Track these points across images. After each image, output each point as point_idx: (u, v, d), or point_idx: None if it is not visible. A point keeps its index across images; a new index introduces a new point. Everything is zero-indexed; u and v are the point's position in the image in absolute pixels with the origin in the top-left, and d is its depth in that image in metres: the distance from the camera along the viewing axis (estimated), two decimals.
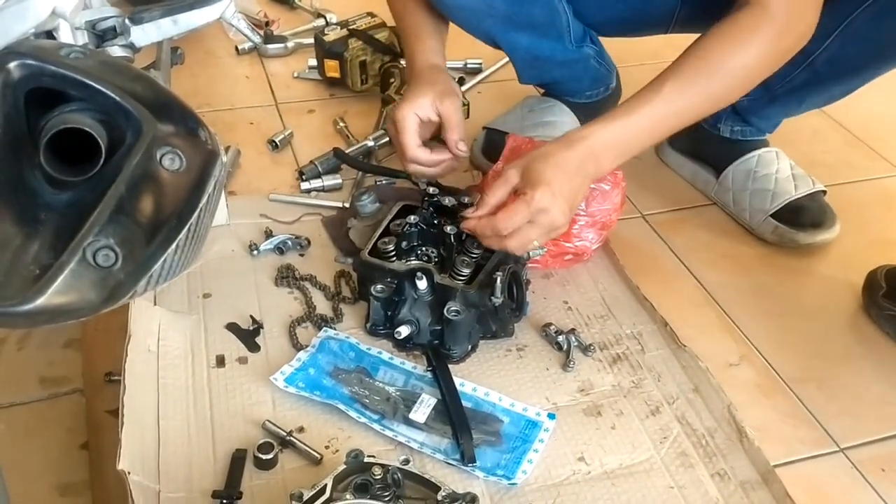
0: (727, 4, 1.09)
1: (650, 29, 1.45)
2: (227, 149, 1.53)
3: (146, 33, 0.87)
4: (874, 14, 1.15)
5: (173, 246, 0.60)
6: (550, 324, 1.19)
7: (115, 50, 0.84)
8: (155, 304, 1.17)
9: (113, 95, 0.62)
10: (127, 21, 0.85)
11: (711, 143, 1.45)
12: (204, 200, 0.63)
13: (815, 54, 1.19)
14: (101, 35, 0.85)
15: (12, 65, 0.60)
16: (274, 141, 1.59)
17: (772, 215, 1.38)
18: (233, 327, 1.17)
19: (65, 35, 0.74)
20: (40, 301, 0.54)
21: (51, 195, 0.62)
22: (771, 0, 1.05)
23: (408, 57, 1.36)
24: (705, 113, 1.15)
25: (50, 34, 0.77)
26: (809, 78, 1.14)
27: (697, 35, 1.36)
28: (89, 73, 0.61)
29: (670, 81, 1.09)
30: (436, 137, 1.29)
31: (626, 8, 1.38)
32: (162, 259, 0.59)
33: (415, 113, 1.22)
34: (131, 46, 0.86)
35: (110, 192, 0.59)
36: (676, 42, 1.49)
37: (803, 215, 1.37)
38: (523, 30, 1.38)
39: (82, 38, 0.80)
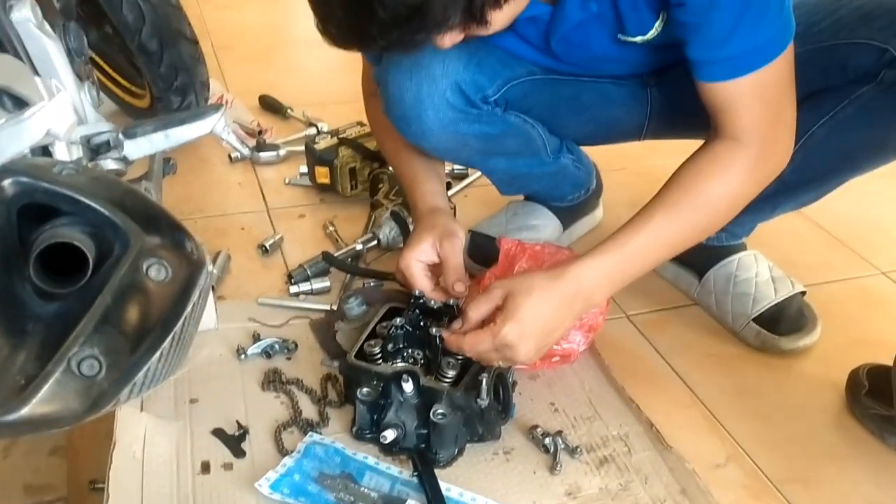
0: (694, 113, 1.14)
1: (623, 140, 1.51)
2: (217, 254, 1.55)
3: (139, 147, 0.91)
4: (832, 128, 1.21)
5: (157, 354, 0.62)
6: (537, 426, 1.19)
7: (109, 163, 0.88)
8: (142, 410, 1.17)
9: (102, 210, 0.64)
10: (120, 135, 0.89)
11: (691, 248, 1.48)
12: (189, 309, 0.65)
13: None
14: (96, 149, 0.89)
15: (6, 182, 0.63)
16: (264, 245, 1.63)
17: (754, 320, 1.40)
18: (218, 433, 1.17)
19: (59, 151, 0.77)
20: (24, 411, 0.56)
21: (39, 306, 0.64)
22: (743, 133, 1.10)
23: (409, 202, 1.40)
24: (694, 242, 1.18)
25: (45, 149, 0.81)
26: (778, 187, 1.19)
27: (670, 140, 1.42)
28: (80, 188, 0.64)
29: (659, 214, 1.12)
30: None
31: (598, 126, 1.44)
32: (146, 367, 0.61)
33: (417, 259, 1.26)
34: (124, 160, 0.90)
35: (97, 303, 0.61)
36: (659, 147, 1.55)
37: (784, 321, 1.39)
38: (500, 156, 1.44)
39: (77, 152, 0.83)
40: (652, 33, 1.14)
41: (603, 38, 1.19)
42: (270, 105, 2.27)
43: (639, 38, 1.16)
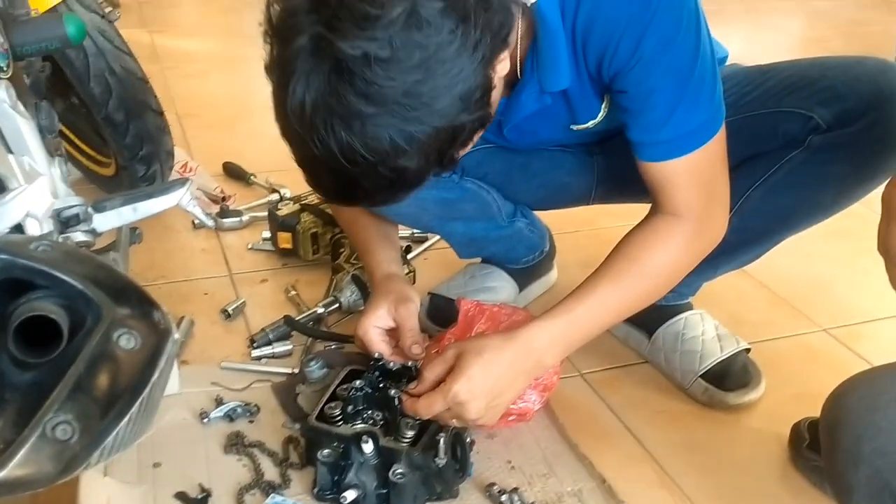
0: (637, 180, 1.21)
1: (573, 204, 1.58)
2: (181, 320, 1.58)
3: (107, 220, 0.95)
4: (766, 191, 1.29)
5: (126, 419, 0.65)
6: (494, 483, 1.23)
7: (78, 235, 0.92)
8: (105, 474, 1.18)
9: (76, 284, 0.69)
10: (90, 209, 0.93)
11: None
12: (156, 375, 0.69)
13: None
14: (66, 222, 0.93)
15: None
16: (227, 310, 1.65)
17: (701, 376, 1.46)
18: (181, 496, 1.19)
19: (31, 227, 0.81)
20: (2, 474, 0.59)
21: (16, 375, 0.68)
22: (680, 208, 1.19)
23: (365, 269, 1.47)
24: (637, 309, 1.26)
25: (18, 225, 0.85)
26: (720, 248, 1.26)
27: (618, 204, 1.49)
28: (55, 264, 0.68)
29: (604, 283, 1.20)
30: None
31: (548, 192, 1.52)
32: (115, 431, 0.64)
33: (374, 326, 1.31)
34: (93, 232, 0.94)
35: (70, 372, 0.64)
36: (609, 211, 1.62)
37: (730, 377, 1.45)
38: (457, 220, 1.50)
39: (48, 226, 0.87)
40: (601, 116, 1.23)
41: (555, 128, 1.28)
42: (234, 172, 2.30)
43: (590, 124, 1.25)
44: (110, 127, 1.83)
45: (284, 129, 0.96)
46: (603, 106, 1.20)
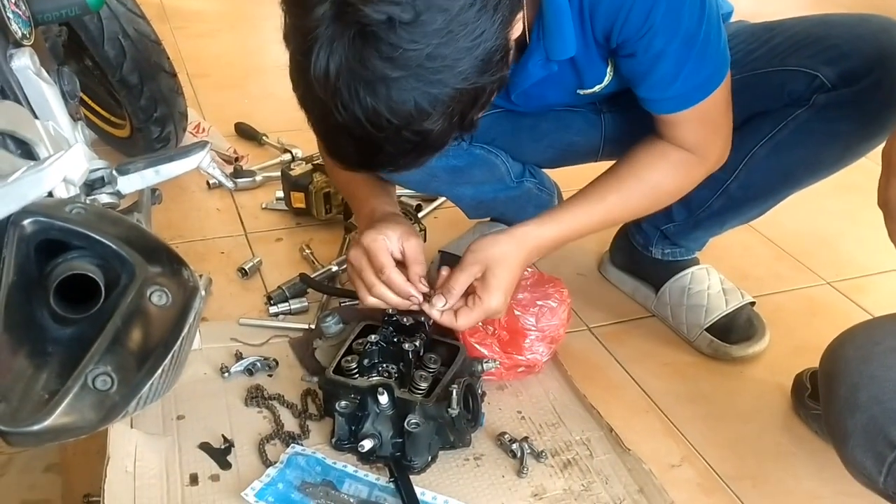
0: (644, 135, 1.26)
1: (581, 161, 1.60)
2: (199, 278, 1.62)
3: (131, 182, 0.98)
4: (771, 148, 1.31)
5: (160, 371, 0.69)
6: (505, 433, 1.27)
7: (104, 197, 0.95)
8: (132, 427, 1.23)
9: (110, 244, 0.72)
10: (114, 172, 0.97)
11: (647, 263, 1.58)
12: (186, 330, 0.73)
13: (727, 183, 1.35)
14: (91, 184, 0.96)
15: (26, 222, 0.71)
16: (244, 269, 1.69)
17: (707, 329, 1.49)
18: (205, 446, 1.24)
19: (59, 190, 0.84)
20: (48, 422, 0.63)
21: (57, 330, 0.72)
22: (687, 145, 1.23)
23: (364, 213, 1.37)
24: (629, 219, 1.38)
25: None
26: (726, 203, 1.30)
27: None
28: (90, 225, 0.72)
29: (612, 196, 1.27)
30: None
31: (556, 151, 1.54)
32: (150, 383, 0.68)
33: (383, 238, 1.25)
34: (118, 194, 0.97)
35: (108, 327, 0.68)
36: None
37: (735, 330, 1.49)
38: (467, 184, 1.52)
39: (74, 189, 0.90)
40: (606, 80, 1.25)
41: (562, 93, 1.30)
42: (246, 132, 2.32)
43: (597, 88, 1.27)
44: (125, 89, 1.85)
45: (305, 98, 0.97)
46: (609, 70, 1.22)
